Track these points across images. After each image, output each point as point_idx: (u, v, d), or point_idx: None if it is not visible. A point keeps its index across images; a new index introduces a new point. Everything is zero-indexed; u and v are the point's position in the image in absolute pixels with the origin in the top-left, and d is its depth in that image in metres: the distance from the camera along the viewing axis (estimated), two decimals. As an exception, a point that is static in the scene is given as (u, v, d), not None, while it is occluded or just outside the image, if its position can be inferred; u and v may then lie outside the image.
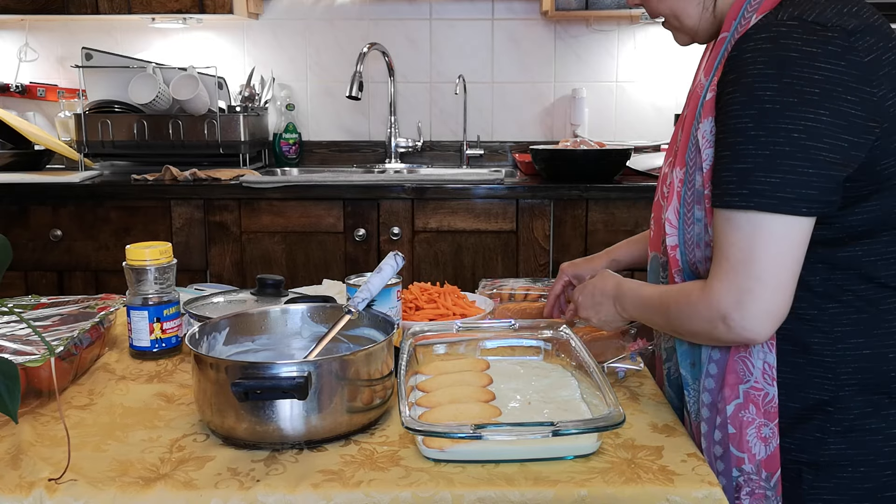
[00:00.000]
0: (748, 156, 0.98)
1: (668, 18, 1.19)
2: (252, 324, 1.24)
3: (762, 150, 0.97)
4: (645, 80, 3.26)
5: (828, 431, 1.06)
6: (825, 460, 1.06)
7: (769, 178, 0.97)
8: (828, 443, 1.06)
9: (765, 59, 0.97)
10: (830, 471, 1.07)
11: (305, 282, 2.62)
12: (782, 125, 0.96)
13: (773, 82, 0.97)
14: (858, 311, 1.06)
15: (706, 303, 1.02)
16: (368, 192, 2.69)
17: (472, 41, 3.27)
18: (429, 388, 1.17)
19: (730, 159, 1.00)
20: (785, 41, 0.97)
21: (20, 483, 0.95)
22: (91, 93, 3.08)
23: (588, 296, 1.27)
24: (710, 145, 1.05)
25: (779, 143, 0.96)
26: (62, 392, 1.23)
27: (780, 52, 0.97)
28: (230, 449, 1.04)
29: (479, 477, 0.96)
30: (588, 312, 1.27)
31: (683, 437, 1.08)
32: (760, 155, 0.97)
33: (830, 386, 1.06)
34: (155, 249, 1.36)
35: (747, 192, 0.98)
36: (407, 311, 1.47)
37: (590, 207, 2.66)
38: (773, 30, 0.99)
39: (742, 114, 0.98)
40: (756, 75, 0.98)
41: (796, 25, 0.98)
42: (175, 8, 2.92)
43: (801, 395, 1.07)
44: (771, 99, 0.97)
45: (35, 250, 2.74)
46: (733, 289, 1.00)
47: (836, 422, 1.06)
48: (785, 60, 0.97)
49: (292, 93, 3.31)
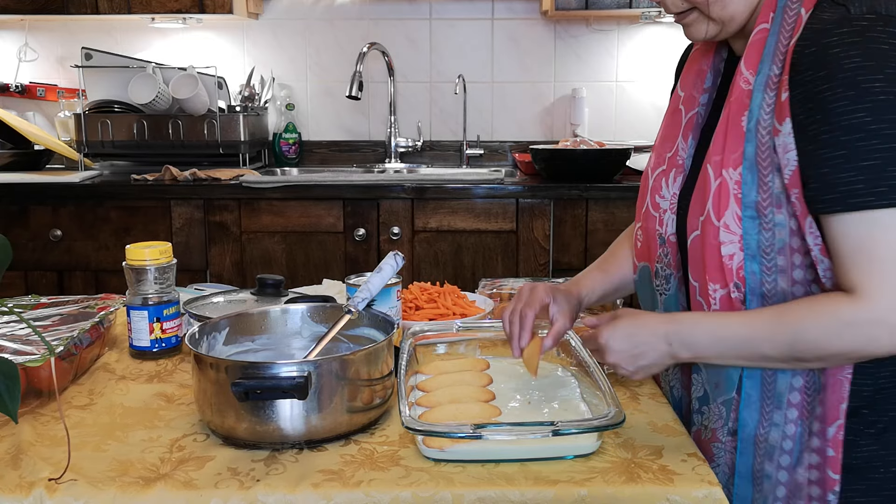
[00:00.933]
0: (874, 150, 0.92)
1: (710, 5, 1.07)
2: (252, 324, 1.24)
3: (889, 143, 0.92)
4: (645, 80, 3.26)
5: (860, 433, 1.04)
6: (857, 462, 1.04)
7: None
8: (860, 445, 1.04)
9: (859, 53, 0.93)
10: (862, 472, 1.04)
11: (305, 282, 2.62)
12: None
13: (879, 73, 0.93)
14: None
15: (870, 317, 0.94)
16: (368, 191, 2.69)
17: (472, 41, 3.27)
18: (429, 387, 1.18)
19: (846, 159, 0.94)
20: (872, 34, 0.94)
21: (20, 483, 0.95)
22: (91, 93, 3.08)
23: (625, 340, 1.07)
24: (789, 149, 0.99)
25: None
26: (62, 392, 1.23)
27: (873, 45, 0.93)
28: (230, 449, 1.04)
29: (479, 477, 0.96)
30: (621, 358, 1.08)
31: (683, 437, 1.08)
32: (889, 149, 0.92)
33: (869, 391, 1.04)
34: (155, 249, 1.36)
35: (885, 189, 0.92)
36: (407, 310, 1.47)
37: (590, 207, 2.66)
38: (854, 24, 0.95)
39: (854, 108, 0.93)
40: (855, 68, 0.93)
41: (875, 19, 0.95)
42: (175, 8, 2.92)
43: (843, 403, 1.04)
44: (882, 90, 0.92)
45: (35, 250, 2.74)
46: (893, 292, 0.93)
47: (869, 423, 1.04)
48: (880, 53, 0.93)
49: (292, 93, 3.31)
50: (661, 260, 1.19)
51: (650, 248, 1.21)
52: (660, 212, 1.19)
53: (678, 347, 1.05)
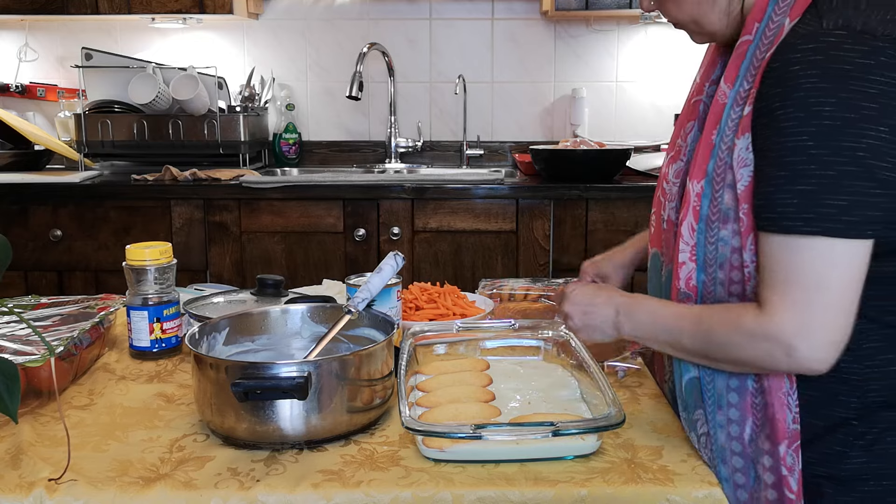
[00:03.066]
0: (811, 176, 0.92)
1: (685, 24, 1.13)
2: (252, 324, 1.24)
3: (826, 169, 0.92)
4: (645, 80, 3.26)
5: (850, 445, 1.03)
6: (847, 474, 1.03)
7: (836, 201, 0.92)
8: (850, 456, 1.03)
9: (817, 73, 0.92)
10: (852, 485, 1.03)
11: (305, 282, 2.62)
12: (844, 143, 0.91)
13: (831, 97, 0.91)
14: (888, 327, 1.02)
15: (767, 331, 0.96)
16: (368, 192, 2.69)
17: (472, 41, 3.27)
18: (429, 388, 1.18)
19: (787, 180, 0.94)
20: (835, 52, 0.92)
21: (20, 483, 0.95)
22: (91, 93, 3.08)
23: (584, 296, 1.17)
24: (745, 164, 0.99)
25: (842, 162, 0.91)
26: (62, 392, 1.23)
27: (832, 64, 0.92)
28: (230, 449, 1.04)
29: (479, 477, 0.96)
30: (574, 311, 1.17)
31: (683, 437, 1.08)
32: (825, 176, 0.92)
33: (856, 404, 1.03)
34: (155, 249, 1.36)
35: (813, 216, 0.92)
36: (407, 311, 1.47)
37: (590, 207, 2.66)
38: (821, 40, 0.93)
39: (800, 131, 0.93)
40: (810, 89, 0.92)
41: (845, 35, 0.93)
42: (175, 8, 2.92)
43: (824, 412, 1.03)
44: (830, 115, 0.91)
45: (35, 250, 2.74)
46: (798, 317, 0.94)
47: (858, 435, 1.03)
48: (838, 73, 0.91)
49: (292, 93, 3.31)
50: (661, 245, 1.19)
51: (660, 236, 1.20)
52: (666, 197, 1.18)
53: (623, 318, 1.11)
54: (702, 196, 1.05)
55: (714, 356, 1.03)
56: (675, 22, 1.14)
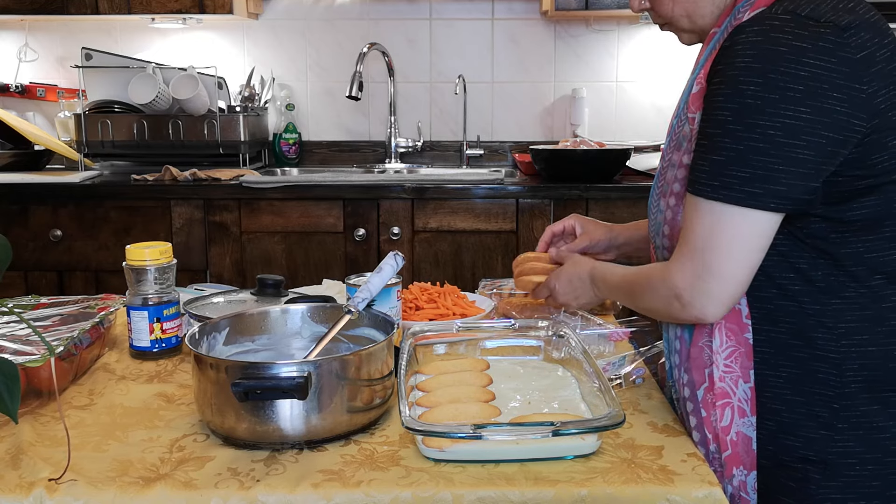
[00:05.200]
0: (723, 148, 1.00)
1: (678, 21, 1.18)
2: (252, 324, 1.24)
3: (737, 144, 0.99)
4: (645, 80, 3.26)
5: (834, 429, 1.05)
6: (832, 458, 1.05)
7: (739, 173, 0.99)
8: (835, 440, 1.05)
9: (753, 53, 0.98)
10: (838, 469, 1.05)
11: (305, 282, 2.62)
12: (760, 122, 0.98)
13: (758, 77, 0.97)
14: (863, 308, 1.05)
15: (663, 282, 1.08)
16: (368, 192, 2.69)
17: (472, 41, 3.27)
18: (429, 387, 1.18)
19: (706, 149, 1.03)
20: (775, 35, 0.98)
21: (20, 483, 0.95)
22: (91, 93, 3.08)
23: (565, 282, 1.34)
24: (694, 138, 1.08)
25: (753, 139, 0.98)
26: (62, 392, 1.23)
27: (769, 45, 0.98)
28: (230, 449, 1.04)
29: (479, 477, 0.96)
30: (566, 298, 1.35)
31: (683, 437, 1.08)
32: (734, 149, 0.99)
33: (835, 382, 1.05)
34: (155, 249, 1.36)
35: (717, 184, 1.01)
36: (407, 311, 1.47)
37: (590, 207, 2.66)
38: (765, 23, 0.99)
39: (724, 106, 1.00)
40: (742, 69, 0.98)
41: (789, 20, 0.99)
42: (175, 8, 2.92)
43: (805, 389, 1.06)
44: (753, 94, 0.98)
45: (35, 250, 2.74)
46: (687, 272, 1.05)
47: (842, 419, 1.05)
48: (772, 55, 0.97)
49: (292, 93, 3.31)
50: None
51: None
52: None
53: (597, 291, 1.30)
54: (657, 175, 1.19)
55: (639, 306, 1.18)
56: (667, 18, 1.19)
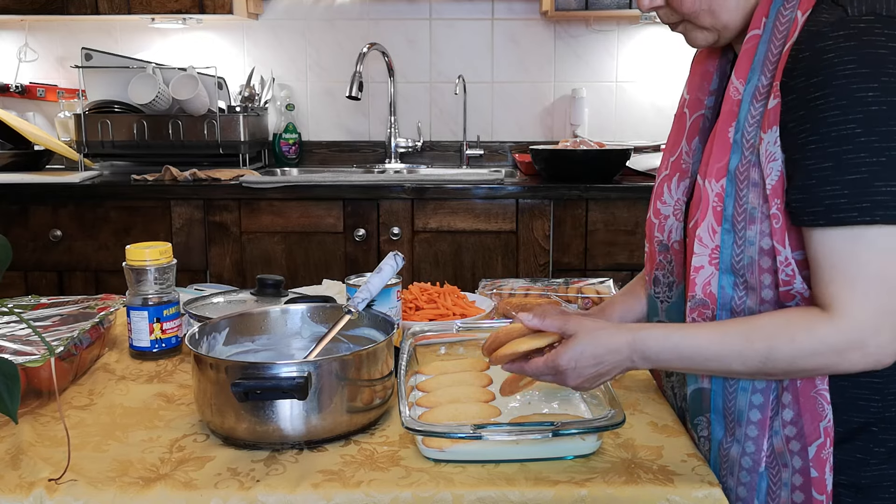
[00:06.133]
0: (860, 164, 0.90)
1: (698, 16, 1.05)
2: (252, 324, 1.24)
3: (877, 156, 0.89)
4: (645, 80, 3.26)
5: (870, 452, 1.02)
6: (866, 482, 1.02)
7: (888, 187, 0.89)
8: (870, 464, 1.02)
9: (854, 59, 0.90)
10: (872, 492, 1.02)
11: (305, 282, 2.62)
12: (894, 127, 0.90)
13: (873, 81, 0.89)
14: None
15: (844, 335, 0.92)
16: (368, 192, 2.69)
17: (472, 41, 3.27)
18: (429, 388, 1.18)
19: (834, 170, 0.91)
20: (868, 38, 0.90)
21: (20, 483, 0.95)
22: (91, 93, 3.08)
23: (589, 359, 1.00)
24: (773, 158, 0.96)
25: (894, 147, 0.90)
26: (62, 392, 1.23)
27: (868, 49, 0.90)
28: (230, 449, 1.04)
29: (479, 477, 0.96)
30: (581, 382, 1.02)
31: (683, 437, 1.08)
32: (877, 162, 0.89)
33: (877, 407, 1.01)
34: (155, 249, 1.36)
35: (869, 205, 0.90)
36: (407, 311, 1.47)
37: (590, 207, 2.66)
38: (851, 27, 0.92)
39: (845, 119, 0.90)
40: (850, 76, 0.90)
41: (874, 21, 0.91)
42: (175, 8, 2.92)
43: (843, 418, 1.02)
44: (876, 100, 0.89)
45: (35, 250, 2.74)
46: (871, 312, 0.91)
47: (880, 442, 1.02)
48: (875, 58, 0.90)
49: (292, 93, 3.31)
50: (664, 267, 1.17)
51: (653, 255, 1.19)
52: (660, 217, 1.17)
53: (639, 361, 1.01)
54: (724, 196, 1.01)
55: (773, 373, 0.97)
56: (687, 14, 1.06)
